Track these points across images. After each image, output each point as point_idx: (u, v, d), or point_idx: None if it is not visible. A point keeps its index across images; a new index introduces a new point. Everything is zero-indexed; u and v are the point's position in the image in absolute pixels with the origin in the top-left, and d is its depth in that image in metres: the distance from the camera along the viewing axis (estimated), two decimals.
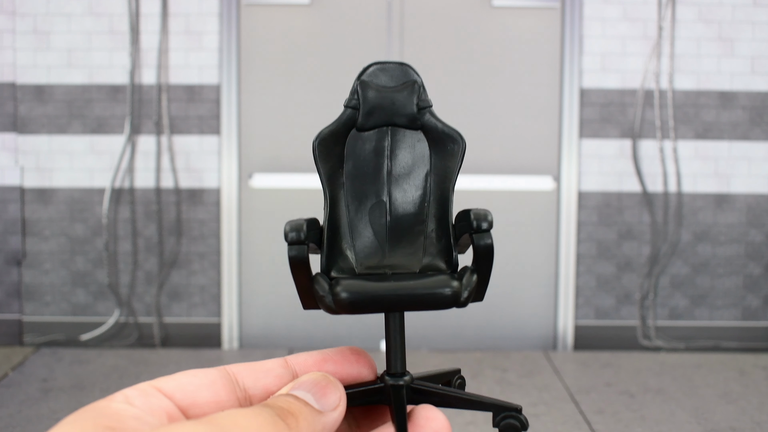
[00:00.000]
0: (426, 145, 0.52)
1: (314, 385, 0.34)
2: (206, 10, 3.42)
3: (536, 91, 3.51)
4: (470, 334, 3.57)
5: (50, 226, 3.49)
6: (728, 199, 3.50)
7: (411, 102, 0.53)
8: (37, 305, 3.51)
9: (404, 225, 0.49)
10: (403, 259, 0.48)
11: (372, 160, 0.52)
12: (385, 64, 0.55)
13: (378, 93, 0.54)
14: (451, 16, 3.49)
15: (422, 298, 0.42)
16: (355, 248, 0.46)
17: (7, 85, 3.44)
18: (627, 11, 3.45)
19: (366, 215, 0.50)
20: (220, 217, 3.49)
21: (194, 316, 3.53)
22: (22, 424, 2.60)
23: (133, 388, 0.31)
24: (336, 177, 0.50)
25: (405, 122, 0.53)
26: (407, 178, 0.51)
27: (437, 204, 0.50)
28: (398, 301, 0.41)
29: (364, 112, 0.53)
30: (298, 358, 0.37)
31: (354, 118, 0.54)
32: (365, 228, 0.49)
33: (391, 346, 0.42)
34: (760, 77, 3.46)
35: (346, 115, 0.53)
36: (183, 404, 0.31)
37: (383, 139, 0.53)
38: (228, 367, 0.35)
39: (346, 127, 0.53)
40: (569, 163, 3.49)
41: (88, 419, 0.27)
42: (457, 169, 0.51)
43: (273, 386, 0.35)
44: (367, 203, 0.50)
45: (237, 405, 0.33)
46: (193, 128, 3.46)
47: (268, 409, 0.30)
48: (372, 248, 0.49)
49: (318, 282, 0.40)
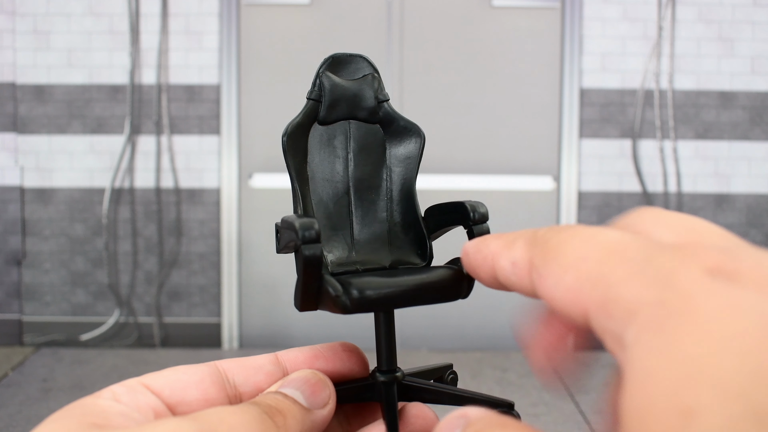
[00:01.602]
0: (384, 139, 0.52)
1: (303, 382, 0.34)
2: (206, 10, 3.42)
3: (536, 91, 3.50)
4: (470, 334, 3.56)
5: (50, 226, 3.49)
6: (728, 199, 3.50)
7: (370, 95, 0.53)
8: (37, 305, 3.51)
9: (368, 220, 0.49)
10: (371, 255, 0.48)
11: (333, 155, 0.52)
12: (345, 56, 0.54)
13: (339, 86, 0.54)
14: (451, 16, 3.49)
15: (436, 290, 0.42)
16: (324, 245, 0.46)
17: (7, 85, 3.44)
18: (627, 11, 3.44)
19: (330, 211, 0.50)
20: (220, 217, 3.49)
21: (194, 316, 3.53)
22: (22, 424, 2.60)
23: (121, 385, 0.31)
24: (303, 172, 0.50)
25: (365, 116, 0.53)
26: (368, 172, 0.51)
27: (400, 197, 0.50)
28: (414, 296, 0.41)
29: (326, 105, 0.53)
30: (289, 354, 0.37)
31: (316, 110, 0.53)
32: (331, 224, 0.49)
33: (381, 342, 0.42)
34: (760, 77, 3.46)
35: (309, 107, 0.53)
36: (171, 401, 0.31)
37: (343, 133, 0.52)
38: (218, 362, 0.35)
39: (310, 119, 0.53)
40: (569, 163, 3.48)
41: (73, 417, 0.27)
42: (417, 161, 0.51)
43: (263, 383, 0.35)
44: (330, 198, 0.50)
45: (227, 402, 0.33)
46: (193, 128, 3.46)
47: (256, 406, 0.30)
48: (339, 245, 0.49)
49: (329, 282, 0.39)
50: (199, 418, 0.27)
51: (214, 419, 0.27)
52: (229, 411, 0.28)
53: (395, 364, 0.41)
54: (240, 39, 3.47)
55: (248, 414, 0.29)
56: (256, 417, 0.29)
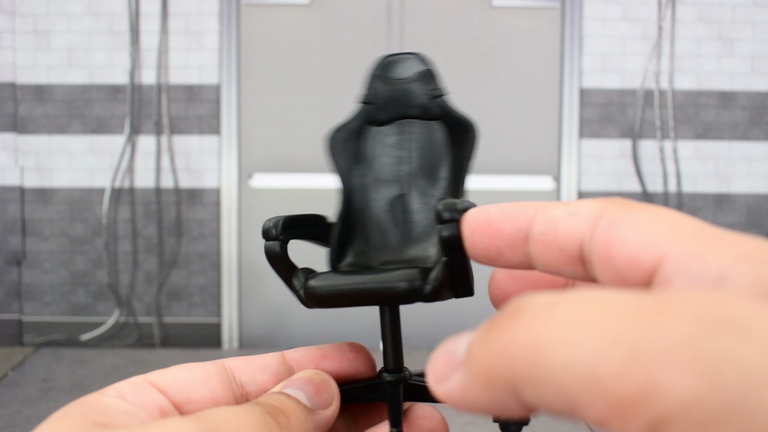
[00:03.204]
0: (442, 135, 0.51)
1: (307, 382, 0.34)
2: (206, 10, 3.42)
3: (536, 91, 3.51)
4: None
5: (50, 226, 3.49)
6: (728, 199, 3.50)
7: (422, 92, 0.53)
8: (37, 305, 3.51)
9: (421, 218, 0.49)
10: (419, 252, 0.48)
11: (390, 155, 0.51)
12: (396, 55, 0.54)
13: (389, 86, 0.53)
14: (451, 16, 3.49)
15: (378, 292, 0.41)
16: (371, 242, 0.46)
17: (7, 85, 3.44)
18: (627, 11, 3.45)
19: (384, 209, 0.49)
20: (220, 217, 3.49)
21: (194, 316, 3.53)
22: (22, 424, 2.60)
23: (127, 382, 0.30)
24: (351, 172, 0.50)
25: (418, 113, 0.52)
26: (424, 170, 0.50)
27: (452, 195, 0.49)
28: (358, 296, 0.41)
29: (377, 107, 0.53)
30: (296, 353, 0.37)
31: (368, 113, 0.53)
32: (383, 222, 0.49)
33: (387, 342, 0.42)
34: (760, 77, 3.46)
35: (361, 111, 0.53)
36: (177, 400, 0.31)
37: (402, 132, 0.52)
38: (225, 361, 0.35)
39: (362, 122, 0.53)
40: (569, 163, 3.48)
41: (76, 414, 0.27)
42: (469, 157, 0.50)
43: (269, 383, 0.35)
44: (385, 198, 0.50)
45: (233, 401, 0.33)
46: (193, 128, 3.46)
47: (259, 407, 0.30)
48: (389, 242, 0.48)
49: (297, 276, 0.41)
50: (202, 418, 0.27)
51: (217, 419, 0.27)
52: (233, 411, 0.28)
53: (402, 364, 0.41)
54: (240, 39, 3.47)
55: (251, 414, 0.29)
56: (259, 417, 0.29)
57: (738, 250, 0.20)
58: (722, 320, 0.16)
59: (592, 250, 0.23)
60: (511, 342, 0.18)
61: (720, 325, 0.16)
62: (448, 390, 0.20)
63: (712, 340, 0.15)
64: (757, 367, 0.15)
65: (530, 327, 0.17)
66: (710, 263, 0.20)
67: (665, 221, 0.22)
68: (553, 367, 0.17)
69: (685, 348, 0.15)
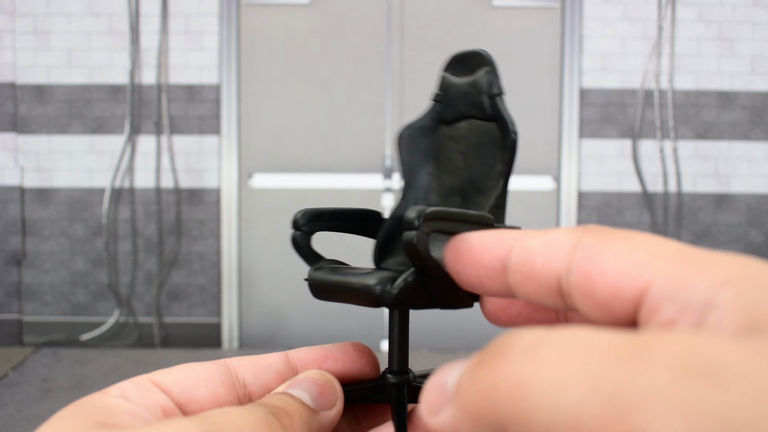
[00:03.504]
0: (498, 137, 0.51)
1: (311, 383, 0.34)
2: (206, 10, 3.42)
3: (536, 91, 3.51)
4: (471, 334, 3.56)
5: (50, 226, 3.49)
6: (728, 199, 3.50)
7: (482, 91, 0.52)
8: (37, 305, 3.51)
9: None
10: None
11: (450, 156, 0.51)
12: (463, 53, 0.54)
13: (453, 84, 0.53)
14: (451, 16, 3.49)
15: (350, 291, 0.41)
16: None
17: (7, 85, 3.44)
18: (627, 11, 3.45)
19: None
20: (220, 217, 3.49)
21: (194, 316, 3.53)
22: (22, 424, 2.60)
23: (130, 382, 0.30)
24: (415, 170, 0.50)
25: (478, 113, 0.52)
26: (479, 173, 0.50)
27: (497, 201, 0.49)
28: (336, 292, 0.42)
29: (444, 105, 0.53)
30: (299, 353, 0.36)
31: (438, 111, 0.53)
32: None
33: (393, 343, 0.41)
34: (760, 77, 3.46)
35: (432, 109, 0.53)
36: (180, 400, 0.31)
37: (462, 133, 0.52)
38: (228, 360, 0.34)
39: (433, 120, 0.53)
40: (569, 163, 3.48)
41: (80, 414, 0.26)
42: (506, 162, 0.49)
43: (273, 383, 0.34)
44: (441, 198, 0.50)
45: (236, 401, 0.33)
46: (193, 128, 3.46)
47: (263, 407, 0.30)
48: None
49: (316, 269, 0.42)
50: (206, 418, 0.27)
51: (221, 420, 0.27)
52: (236, 412, 0.28)
53: (407, 366, 0.41)
54: (240, 39, 3.47)
55: (255, 415, 0.29)
56: (262, 418, 0.29)
57: (723, 272, 0.21)
58: (700, 367, 0.16)
59: (570, 283, 0.23)
60: (498, 382, 0.18)
61: (697, 373, 0.16)
62: (440, 423, 0.21)
63: (689, 389, 0.16)
64: (733, 417, 0.15)
65: (515, 368, 0.18)
66: (697, 288, 0.20)
67: (645, 247, 0.22)
68: (537, 411, 0.17)
69: (663, 397, 0.16)
